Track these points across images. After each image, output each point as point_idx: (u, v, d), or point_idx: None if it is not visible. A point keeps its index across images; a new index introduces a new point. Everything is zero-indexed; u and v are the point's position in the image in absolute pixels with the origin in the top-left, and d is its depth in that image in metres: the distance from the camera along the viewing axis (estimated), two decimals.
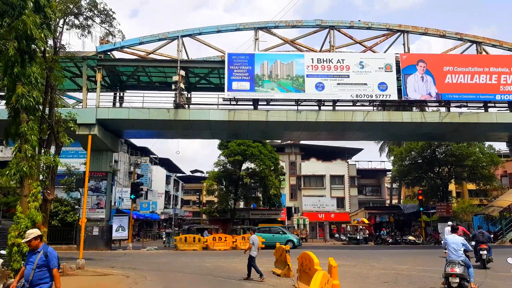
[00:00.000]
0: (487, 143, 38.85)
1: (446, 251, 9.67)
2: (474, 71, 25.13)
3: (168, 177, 60.30)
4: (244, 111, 24.80)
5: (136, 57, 25.71)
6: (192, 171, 76.30)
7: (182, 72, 24.80)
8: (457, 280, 8.91)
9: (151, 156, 54.27)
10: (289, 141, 46.98)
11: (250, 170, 35.91)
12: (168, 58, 25.71)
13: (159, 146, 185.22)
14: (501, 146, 40.19)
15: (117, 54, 26.39)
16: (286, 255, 12.94)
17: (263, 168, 34.08)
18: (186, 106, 25.44)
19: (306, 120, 24.78)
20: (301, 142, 46.14)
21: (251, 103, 25.20)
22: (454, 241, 9.46)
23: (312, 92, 24.62)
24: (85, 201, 18.96)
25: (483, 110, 25.60)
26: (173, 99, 24.66)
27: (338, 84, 24.66)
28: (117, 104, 28.37)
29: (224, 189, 36.66)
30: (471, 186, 47.58)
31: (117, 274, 13.50)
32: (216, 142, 37.19)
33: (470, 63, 25.45)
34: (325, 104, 25.34)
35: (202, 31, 25.90)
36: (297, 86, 24.73)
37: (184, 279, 12.78)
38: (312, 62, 24.99)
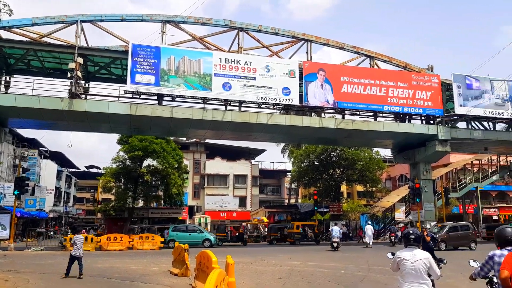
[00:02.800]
0: (374, 149, 42.86)
1: (334, 236, 22.92)
2: (366, 83, 27.47)
3: (59, 172, 55.60)
4: (147, 106, 23.91)
5: (28, 39, 23.25)
6: (87, 167, 71.35)
7: (80, 60, 23.06)
8: (336, 243, 22.69)
9: (41, 148, 49.55)
10: (194, 140, 46.55)
11: (151, 167, 34.71)
12: (65, 43, 23.72)
13: (51, 139, 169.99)
14: (386, 152, 44.57)
15: (4, 34, 23.61)
16: (185, 254, 12.73)
17: (166, 165, 33.16)
18: (83, 96, 23.71)
19: (212, 119, 24.75)
20: (207, 141, 46.01)
21: (156, 97, 24.40)
22: (336, 230, 23.40)
23: (219, 91, 24.69)
24: None
25: (373, 119, 28.12)
26: (68, 88, 22.81)
27: (245, 85, 25.09)
28: (2, 90, 25.32)
29: (122, 186, 34.87)
30: (360, 188, 51.95)
31: None
32: (116, 136, 35.26)
33: (363, 75, 27.76)
34: (231, 104, 25.59)
35: (104, 18, 24.41)
36: (204, 84, 24.58)
37: (74, 281, 11.85)
38: (220, 62, 25.06)
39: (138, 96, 24.19)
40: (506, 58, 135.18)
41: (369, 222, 31.51)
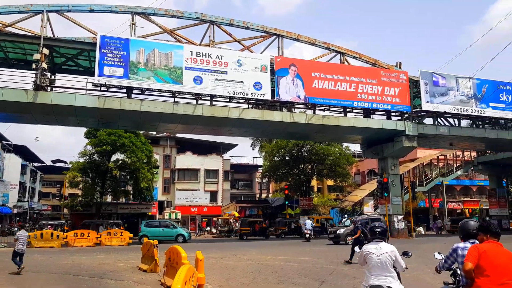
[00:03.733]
0: (344, 144, 43.56)
1: (307, 228, 25.59)
2: (337, 79, 27.79)
3: (24, 167, 53.66)
4: (116, 99, 23.32)
5: None
6: (53, 161, 69.16)
7: (46, 51, 22.17)
8: (308, 235, 25.97)
9: (4, 142, 47.65)
10: (164, 134, 45.88)
11: (120, 161, 33.98)
12: (30, 34, 22.76)
13: (15, 132, 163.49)
14: (355, 148, 45.42)
15: None
16: (153, 250, 12.53)
17: (135, 160, 32.53)
18: (49, 88, 22.87)
19: (183, 113, 24.42)
20: (177, 135, 45.47)
21: (125, 91, 23.82)
22: (309, 222, 26.09)
23: (190, 85, 24.37)
24: None
25: (343, 115, 28.52)
26: (33, 79, 21.93)
27: (216, 79, 24.86)
28: None
29: (90, 181, 33.99)
30: (330, 182, 52.76)
31: None
32: (83, 130, 34.28)
33: (334, 71, 28.06)
34: (202, 98, 25.33)
35: (71, 8, 23.57)
36: (175, 77, 24.19)
37: (39, 278, 11.46)
38: (192, 55, 24.71)
39: (106, 89, 23.55)
40: (470, 57, 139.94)
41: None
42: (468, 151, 46.47)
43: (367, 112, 29.09)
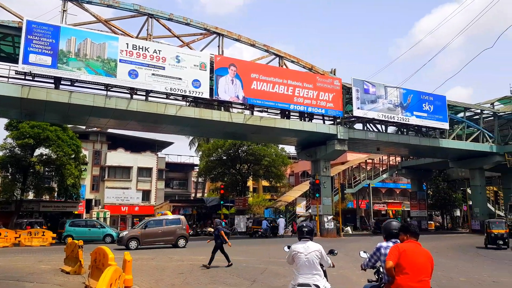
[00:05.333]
0: (280, 146, 44.42)
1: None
2: (275, 81, 28.26)
3: None
4: (42, 89, 21.76)
5: None
6: None
7: None
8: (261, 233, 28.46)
9: None
10: (95, 128, 43.62)
11: (44, 156, 31.73)
12: None
13: None
14: (291, 149, 46.51)
15: None
16: (78, 250, 11.83)
17: (61, 155, 30.54)
18: None
19: (116, 108, 23.38)
20: (109, 130, 43.45)
21: (52, 81, 22.30)
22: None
23: (125, 78, 23.40)
24: None
25: (280, 117, 29.07)
26: None
27: (153, 74, 24.14)
28: None
29: (9, 176, 31.38)
30: (265, 183, 53.52)
31: None
32: (4, 122, 31.60)
33: (273, 73, 28.51)
34: (137, 93, 24.46)
35: None
36: (108, 70, 23.09)
37: None
38: (127, 48, 23.75)
39: (31, 78, 21.92)
40: (398, 67, 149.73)
41: (281, 216, 35.60)
42: (394, 156, 49.66)
43: (303, 115, 29.91)
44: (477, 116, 38.05)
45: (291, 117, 29.75)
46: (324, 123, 30.77)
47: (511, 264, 14.24)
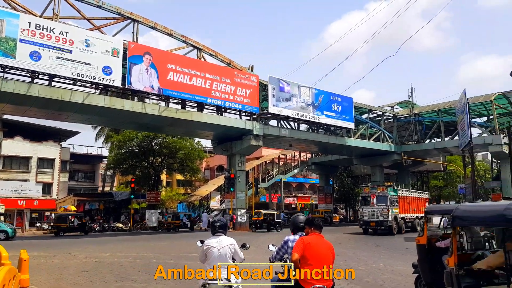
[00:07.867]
0: (196, 139, 43.99)
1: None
2: (193, 74, 27.82)
3: None
4: None
5: None
6: None
7: None
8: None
9: None
10: None
11: None
12: None
13: None
14: (207, 143, 46.26)
15: None
16: None
17: None
18: None
19: (14, 92, 21.18)
20: (5, 116, 39.24)
21: None
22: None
23: (25, 60, 21.30)
24: None
25: (197, 110, 28.73)
26: None
27: (59, 58, 22.28)
28: None
29: None
30: (179, 177, 52.65)
31: None
32: None
33: (190, 65, 28.03)
34: (40, 77, 22.43)
35: None
36: (6, 49, 20.81)
37: None
38: (29, 27, 21.60)
39: None
40: (310, 68, 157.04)
41: (205, 211, 36.42)
42: (304, 152, 52.05)
43: (220, 110, 29.91)
44: (379, 118, 41.38)
45: (208, 110, 29.57)
46: (240, 118, 31.10)
47: (403, 253, 15.74)
